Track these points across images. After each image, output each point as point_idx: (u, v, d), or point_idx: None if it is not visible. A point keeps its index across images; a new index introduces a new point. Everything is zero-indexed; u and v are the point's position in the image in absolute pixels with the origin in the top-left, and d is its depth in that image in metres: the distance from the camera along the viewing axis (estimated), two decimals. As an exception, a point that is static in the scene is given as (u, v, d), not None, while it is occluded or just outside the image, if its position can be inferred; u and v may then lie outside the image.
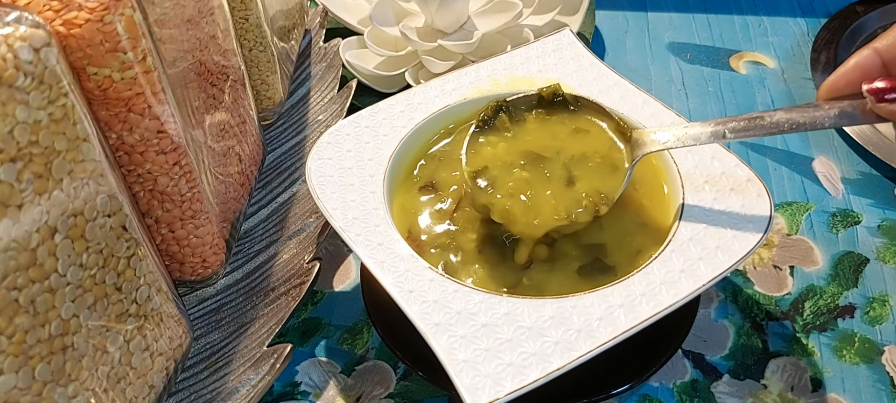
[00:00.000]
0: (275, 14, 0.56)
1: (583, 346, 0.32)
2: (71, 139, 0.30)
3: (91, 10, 0.32)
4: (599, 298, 0.34)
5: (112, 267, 0.33)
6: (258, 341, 0.42)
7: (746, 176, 0.39)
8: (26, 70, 0.28)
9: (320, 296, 0.47)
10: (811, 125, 0.34)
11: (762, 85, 0.61)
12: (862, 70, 0.33)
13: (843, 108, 0.33)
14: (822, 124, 0.34)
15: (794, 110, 0.34)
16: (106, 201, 0.33)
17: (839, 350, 0.42)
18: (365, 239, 0.37)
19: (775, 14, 0.69)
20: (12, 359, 0.28)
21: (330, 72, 0.60)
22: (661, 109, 0.44)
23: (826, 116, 0.34)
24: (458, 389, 0.31)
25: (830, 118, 0.34)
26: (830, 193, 0.52)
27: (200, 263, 0.43)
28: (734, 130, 0.36)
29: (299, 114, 0.57)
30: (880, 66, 0.33)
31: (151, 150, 0.37)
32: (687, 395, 0.41)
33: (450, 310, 0.34)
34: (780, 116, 0.35)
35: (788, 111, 0.35)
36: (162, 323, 0.38)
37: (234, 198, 0.47)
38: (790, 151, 0.55)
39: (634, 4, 0.71)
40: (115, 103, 0.35)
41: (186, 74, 0.40)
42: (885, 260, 0.47)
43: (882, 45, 0.33)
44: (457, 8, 0.59)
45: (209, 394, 0.40)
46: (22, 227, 0.28)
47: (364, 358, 0.43)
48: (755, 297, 0.45)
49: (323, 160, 0.42)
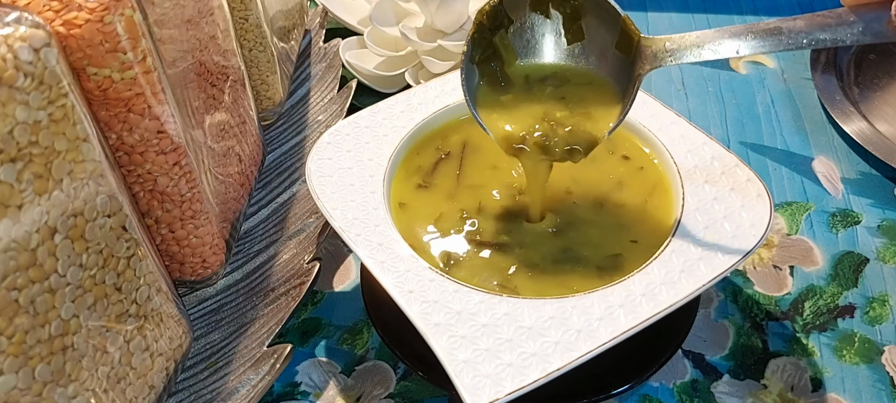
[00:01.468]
0: (275, 14, 0.56)
1: (583, 346, 0.32)
2: (71, 139, 0.30)
3: (91, 10, 0.32)
4: (599, 298, 0.34)
5: (112, 268, 0.33)
6: (258, 341, 0.42)
7: (746, 176, 0.39)
8: (26, 70, 0.28)
9: (320, 296, 0.47)
10: (832, 41, 0.32)
11: (762, 85, 0.61)
12: None
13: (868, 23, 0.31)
14: (843, 40, 0.31)
15: (817, 18, 0.32)
16: (106, 201, 0.33)
17: (839, 350, 0.42)
18: (365, 239, 0.37)
19: (775, 14, 0.69)
20: (12, 359, 0.28)
21: (330, 73, 0.60)
22: (661, 109, 0.44)
23: (849, 32, 0.31)
24: (458, 389, 0.31)
25: (854, 33, 0.31)
26: (830, 193, 0.52)
27: (200, 263, 0.44)
28: (750, 42, 0.33)
29: (299, 114, 0.57)
30: None
31: (151, 150, 0.37)
32: (687, 395, 0.41)
33: (450, 310, 0.34)
34: (801, 25, 0.32)
35: (811, 20, 0.32)
36: (162, 324, 0.38)
37: (234, 198, 0.47)
38: (790, 151, 0.55)
39: (634, 4, 0.71)
40: (115, 103, 0.35)
41: (186, 74, 0.40)
42: (885, 260, 0.47)
43: None
44: (457, 8, 0.59)
45: (209, 394, 0.40)
46: (22, 227, 0.28)
47: (364, 358, 0.43)
48: (755, 297, 0.45)
49: (323, 160, 0.42)
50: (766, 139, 0.56)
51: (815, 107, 0.59)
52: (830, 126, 0.57)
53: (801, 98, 0.60)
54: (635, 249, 0.38)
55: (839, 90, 0.58)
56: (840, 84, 0.58)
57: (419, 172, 0.43)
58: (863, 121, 0.55)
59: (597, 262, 0.38)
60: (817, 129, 0.57)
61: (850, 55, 0.62)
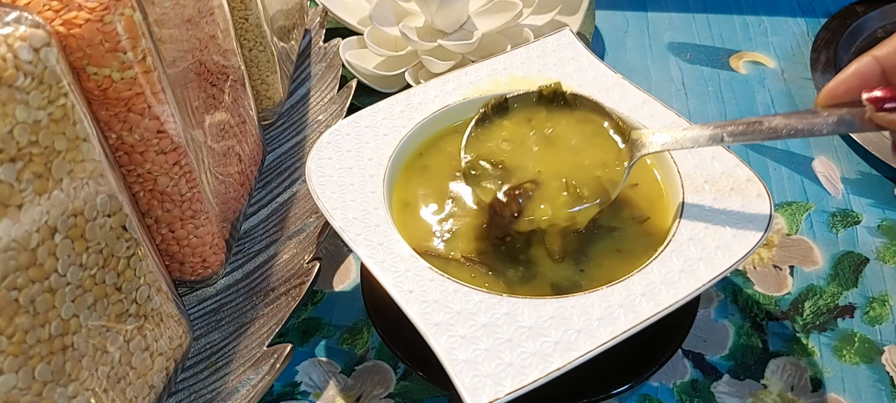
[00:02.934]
0: (275, 14, 0.56)
1: (583, 346, 0.32)
2: (71, 139, 0.30)
3: (91, 10, 0.32)
4: (599, 298, 0.34)
5: (112, 267, 0.33)
6: (258, 341, 0.42)
7: (746, 176, 0.39)
8: (26, 70, 0.28)
9: (320, 296, 0.47)
10: (809, 132, 0.34)
11: (762, 85, 0.61)
12: (861, 77, 0.33)
13: (842, 116, 0.33)
14: (819, 131, 0.34)
15: (793, 116, 0.34)
16: (106, 201, 0.33)
17: (839, 350, 0.42)
18: (365, 239, 0.37)
19: (775, 14, 0.69)
20: (12, 359, 0.28)
21: (330, 73, 0.60)
22: (661, 109, 0.44)
23: (824, 123, 0.33)
24: (458, 389, 0.31)
25: (829, 125, 0.33)
26: (830, 193, 0.52)
27: (200, 263, 0.44)
28: (733, 134, 0.36)
29: (299, 114, 0.57)
30: (880, 73, 0.33)
31: (151, 150, 0.37)
32: (687, 395, 0.41)
33: (450, 310, 0.34)
34: (778, 122, 0.35)
35: (787, 117, 0.35)
36: (162, 323, 0.38)
37: (234, 198, 0.47)
38: (790, 151, 0.55)
39: (634, 4, 0.71)
40: (114, 103, 0.35)
41: (186, 74, 0.40)
42: (885, 260, 0.47)
43: (882, 53, 0.33)
44: (457, 8, 0.59)
45: (209, 394, 0.40)
46: (22, 227, 0.28)
47: (364, 358, 0.43)
48: (755, 297, 0.45)
49: (323, 160, 0.42)
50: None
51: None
52: (830, 126, 0.57)
53: (801, 98, 0.60)
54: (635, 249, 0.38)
55: (839, 90, 0.57)
56: (840, 84, 0.58)
57: (419, 172, 0.43)
58: (863, 121, 0.55)
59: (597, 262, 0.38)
60: (817, 129, 0.57)
61: (850, 54, 0.62)
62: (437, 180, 0.43)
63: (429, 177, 0.43)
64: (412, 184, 0.43)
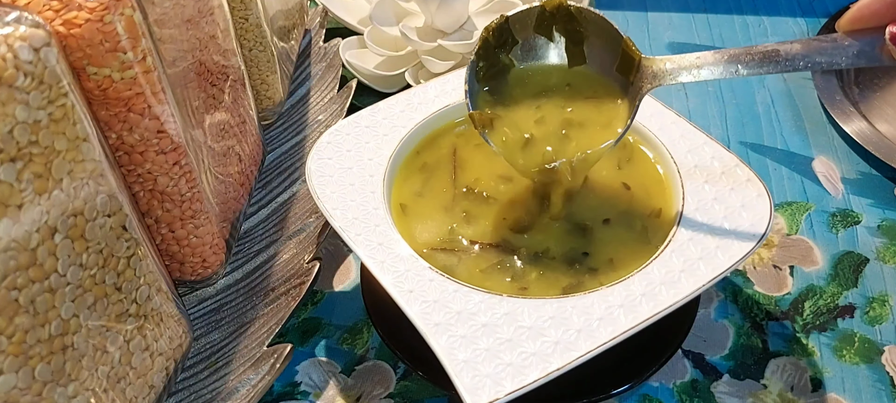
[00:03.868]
0: (275, 14, 0.56)
1: (583, 346, 0.32)
2: (71, 139, 0.30)
3: (91, 10, 0.32)
4: (599, 298, 0.34)
5: (112, 267, 0.33)
6: (258, 341, 0.42)
7: (746, 176, 0.39)
8: (26, 70, 0.28)
9: (320, 296, 0.47)
10: (828, 64, 0.32)
11: (762, 85, 0.61)
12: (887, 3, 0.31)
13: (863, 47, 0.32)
14: (838, 64, 0.32)
15: (813, 43, 0.33)
16: (106, 201, 0.33)
17: (839, 350, 0.42)
18: (365, 239, 0.37)
19: (775, 14, 0.69)
20: (12, 359, 0.28)
21: (330, 72, 0.60)
22: (661, 109, 0.44)
23: (844, 55, 0.32)
24: (458, 389, 0.31)
25: (849, 57, 0.32)
26: (830, 193, 0.52)
27: (200, 263, 0.44)
28: (749, 64, 0.34)
29: (299, 114, 0.57)
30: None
31: (151, 150, 0.37)
32: (687, 395, 0.41)
33: (450, 310, 0.34)
34: (797, 50, 0.33)
35: (807, 44, 0.33)
36: (162, 323, 0.38)
37: (234, 198, 0.47)
38: (790, 151, 0.55)
39: (634, 4, 0.71)
40: (115, 103, 0.35)
41: (186, 74, 0.40)
42: (885, 260, 0.47)
43: None
44: (457, 8, 0.59)
45: (209, 394, 0.40)
46: (22, 227, 0.28)
47: (364, 358, 0.43)
48: (755, 297, 0.45)
49: (323, 160, 0.42)
50: (766, 139, 0.56)
51: (815, 107, 0.59)
52: (830, 126, 0.57)
53: (801, 98, 0.60)
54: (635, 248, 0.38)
55: (839, 90, 0.58)
56: (840, 84, 0.58)
57: (419, 172, 0.43)
58: (863, 121, 0.55)
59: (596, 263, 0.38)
60: (817, 129, 0.57)
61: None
62: (437, 180, 0.43)
63: (429, 177, 0.43)
64: (412, 183, 0.43)
